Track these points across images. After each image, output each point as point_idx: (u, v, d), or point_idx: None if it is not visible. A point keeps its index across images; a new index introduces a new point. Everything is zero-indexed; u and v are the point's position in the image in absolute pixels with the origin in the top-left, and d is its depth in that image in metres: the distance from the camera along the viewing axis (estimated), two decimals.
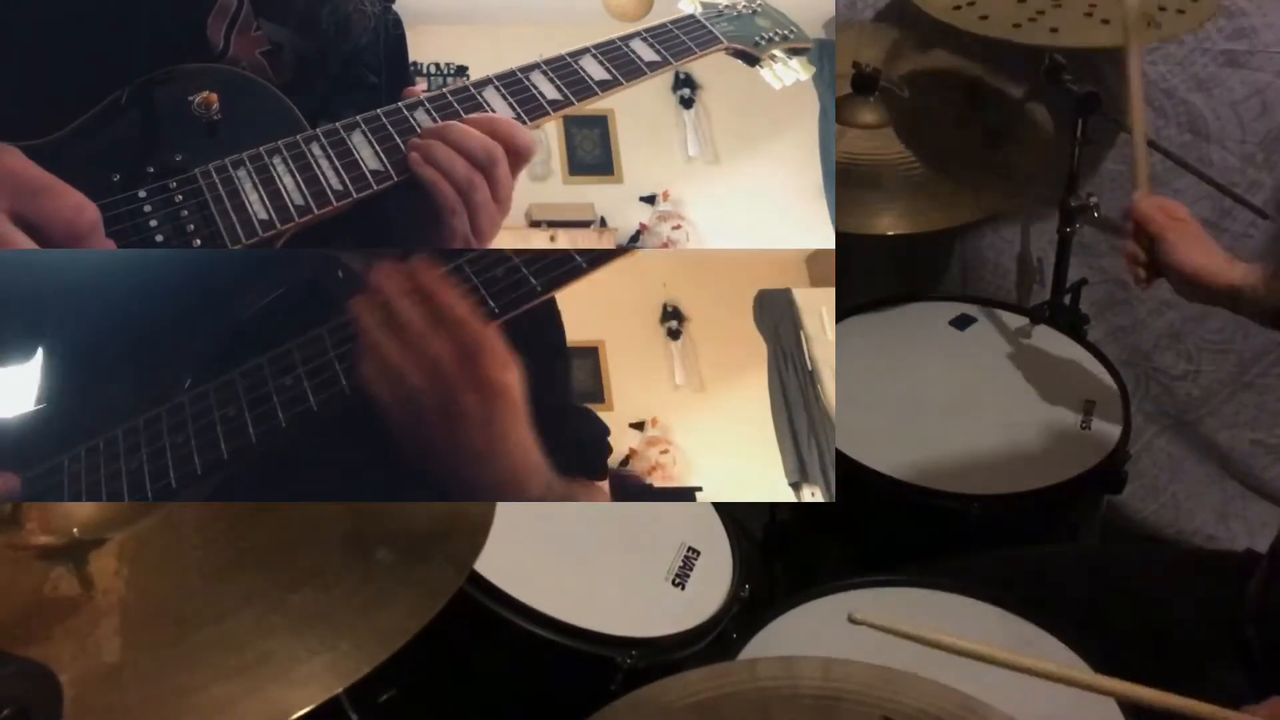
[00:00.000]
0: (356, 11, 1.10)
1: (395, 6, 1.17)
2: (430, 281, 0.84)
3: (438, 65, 3.08)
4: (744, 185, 3.22)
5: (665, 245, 3.12)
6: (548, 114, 1.07)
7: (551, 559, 1.38)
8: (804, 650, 1.10)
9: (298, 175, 0.96)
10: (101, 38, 0.98)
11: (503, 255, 0.91)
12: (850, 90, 1.77)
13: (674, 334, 3.25)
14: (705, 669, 1.07)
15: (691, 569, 1.41)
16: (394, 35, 1.15)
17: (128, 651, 0.89)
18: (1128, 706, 1.17)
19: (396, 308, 0.83)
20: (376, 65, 1.12)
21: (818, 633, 1.31)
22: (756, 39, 1.25)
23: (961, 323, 1.88)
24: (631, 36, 1.15)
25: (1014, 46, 1.60)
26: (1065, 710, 1.15)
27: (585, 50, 1.12)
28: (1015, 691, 1.01)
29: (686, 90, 3.27)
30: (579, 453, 1.05)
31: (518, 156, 0.98)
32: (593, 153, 3.20)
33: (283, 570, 0.95)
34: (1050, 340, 1.83)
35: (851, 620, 0.94)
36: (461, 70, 3.09)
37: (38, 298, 1.00)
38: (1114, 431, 1.64)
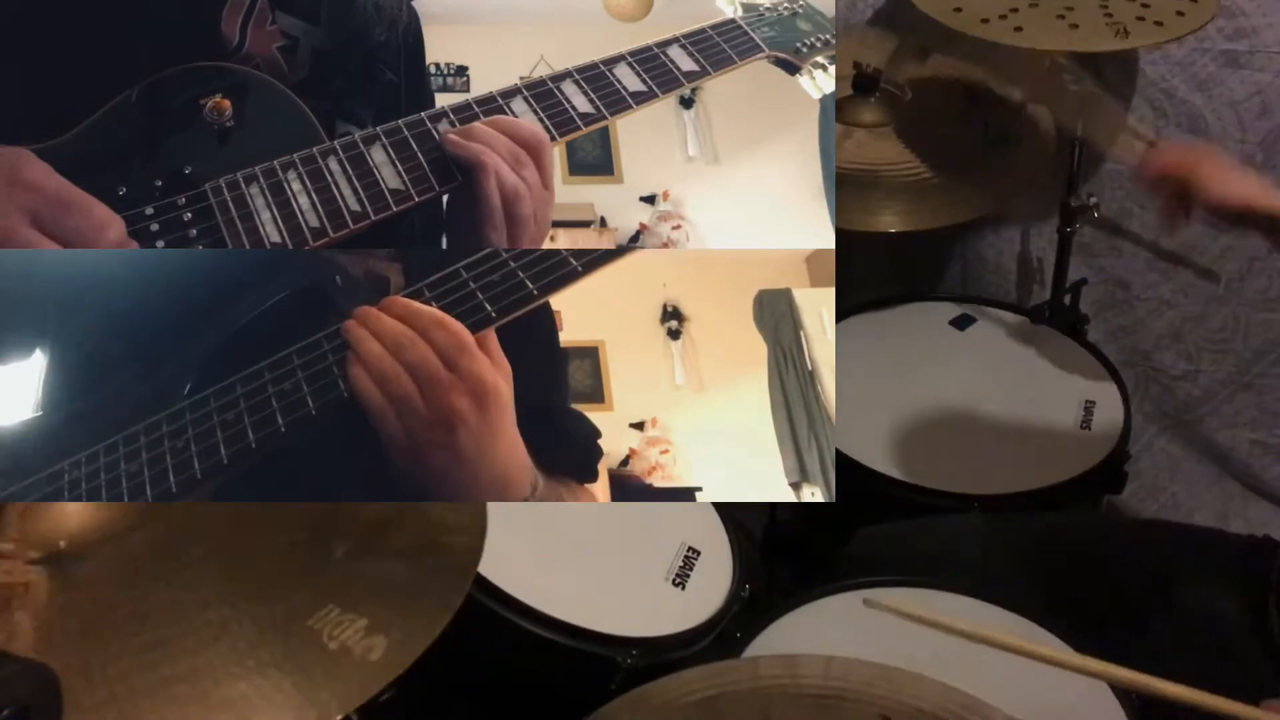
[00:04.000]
0: (381, 4, 1.07)
1: None
2: (415, 306, 0.86)
3: (438, 65, 3.08)
4: (744, 185, 3.22)
5: (665, 245, 3.12)
6: (579, 129, 1.01)
7: (552, 559, 1.38)
8: (804, 650, 1.10)
9: (313, 194, 0.91)
10: (112, 30, 0.95)
11: (500, 259, 0.90)
12: (851, 91, 1.77)
13: (674, 334, 3.25)
14: (705, 667, 1.07)
15: (691, 569, 1.41)
16: (413, 32, 1.12)
17: (105, 670, 0.89)
18: (1132, 706, 1.17)
19: (384, 324, 0.85)
20: (394, 62, 1.09)
21: (818, 632, 1.31)
22: (798, 45, 1.19)
23: (961, 323, 1.88)
24: (669, 43, 1.09)
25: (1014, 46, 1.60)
26: (1068, 710, 1.15)
27: (620, 58, 1.06)
28: (1017, 691, 1.01)
29: (687, 90, 3.28)
30: (567, 454, 1.04)
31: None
32: (593, 153, 3.20)
33: (277, 601, 0.95)
34: (1050, 340, 1.83)
35: (867, 604, 0.94)
36: (461, 70, 3.09)
37: (38, 301, 0.99)
38: (1114, 431, 1.63)
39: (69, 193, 0.84)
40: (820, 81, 1.20)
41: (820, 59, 1.20)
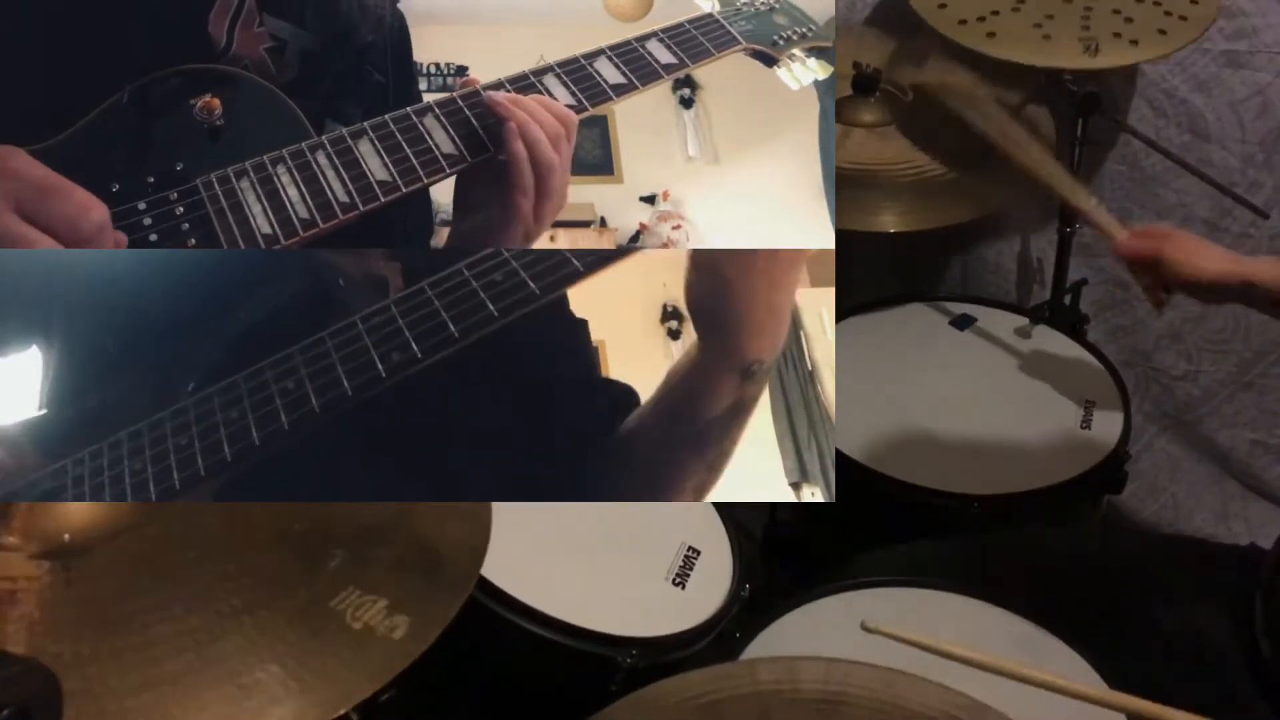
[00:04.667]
0: (367, 5, 1.09)
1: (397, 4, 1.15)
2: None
3: (437, 65, 3.08)
4: (744, 185, 3.22)
5: (665, 245, 3.12)
6: None
7: (551, 559, 1.38)
8: (805, 651, 1.10)
9: (303, 187, 0.93)
10: (101, 34, 0.96)
11: (502, 259, 0.91)
12: (851, 91, 1.77)
13: (674, 334, 3.25)
14: (706, 670, 1.07)
15: (691, 569, 1.41)
16: (399, 33, 1.13)
17: (108, 665, 0.89)
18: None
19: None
20: (382, 64, 1.10)
21: (819, 633, 1.31)
22: (775, 38, 1.21)
23: (961, 323, 1.88)
24: (648, 37, 1.12)
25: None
26: (1068, 714, 1.14)
27: (600, 52, 1.09)
28: (1018, 695, 1.01)
29: (686, 90, 3.28)
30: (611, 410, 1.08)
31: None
32: (593, 153, 3.20)
33: (282, 598, 0.95)
34: (1050, 340, 1.83)
35: (865, 629, 0.96)
36: (461, 70, 3.09)
37: (42, 299, 0.99)
38: (1114, 431, 1.63)
39: (51, 179, 0.84)
40: (798, 73, 1.22)
41: (797, 51, 1.22)
